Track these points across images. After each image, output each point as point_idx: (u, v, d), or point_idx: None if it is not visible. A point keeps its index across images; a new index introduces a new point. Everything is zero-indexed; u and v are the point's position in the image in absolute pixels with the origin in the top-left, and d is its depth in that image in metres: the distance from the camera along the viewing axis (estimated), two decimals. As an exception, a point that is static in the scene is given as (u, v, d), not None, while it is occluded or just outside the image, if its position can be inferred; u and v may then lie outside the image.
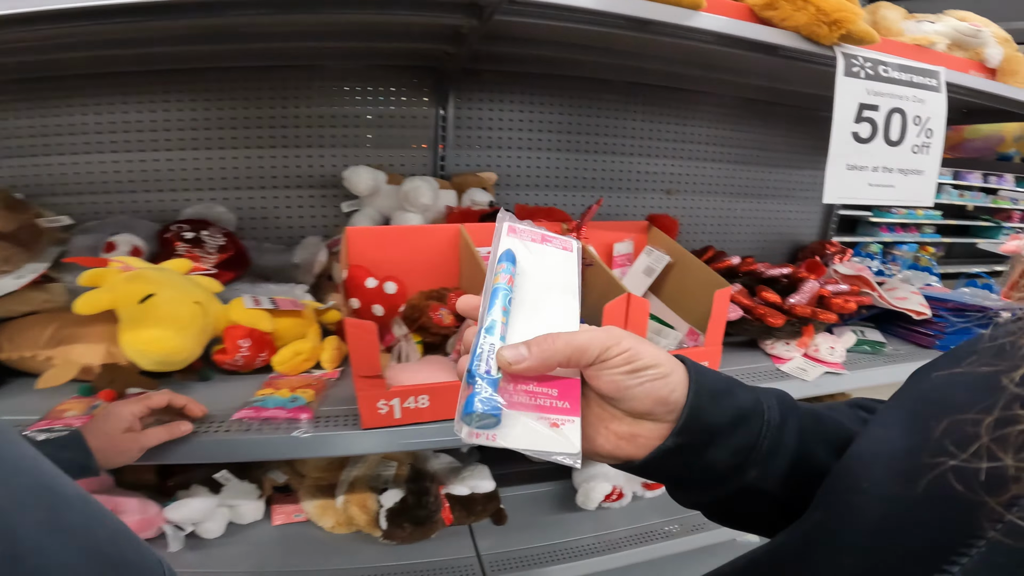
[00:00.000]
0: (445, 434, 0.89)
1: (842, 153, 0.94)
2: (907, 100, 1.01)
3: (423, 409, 0.88)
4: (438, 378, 0.90)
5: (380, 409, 0.85)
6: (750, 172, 1.75)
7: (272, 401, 0.90)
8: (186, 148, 1.33)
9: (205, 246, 1.19)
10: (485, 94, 1.43)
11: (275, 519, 1.19)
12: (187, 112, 1.31)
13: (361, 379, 0.81)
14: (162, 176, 1.33)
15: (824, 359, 1.22)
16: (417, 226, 1.05)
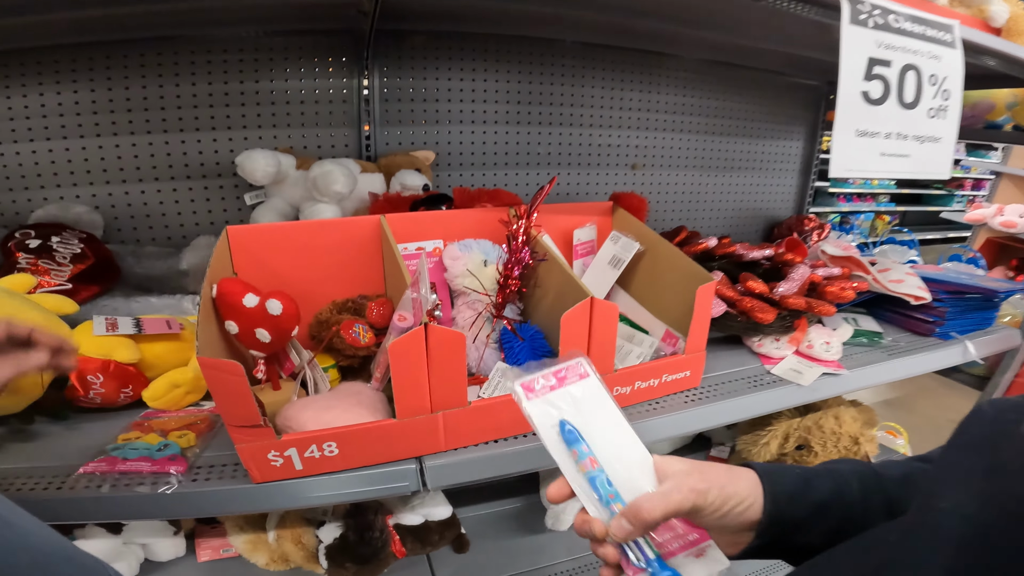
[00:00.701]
0: (363, 483, 0.70)
1: (851, 117, 0.76)
2: (921, 56, 0.83)
3: (332, 458, 0.68)
4: (355, 412, 0.70)
5: (273, 462, 0.65)
6: (720, 143, 1.57)
7: (134, 450, 0.69)
8: (38, 138, 1.05)
9: (55, 255, 0.94)
10: (416, 61, 1.19)
11: (200, 555, 1.03)
12: (40, 96, 1.04)
13: (237, 429, 0.60)
14: (12, 172, 1.06)
15: (820, 357, 1.05)
16: (325, 220, 0.84)
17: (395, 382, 0.67)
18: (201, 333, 0.58)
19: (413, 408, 0.69)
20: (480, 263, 0.87)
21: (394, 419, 0.69)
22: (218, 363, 0.55)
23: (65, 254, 0.97)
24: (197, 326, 0.59)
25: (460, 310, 0.87)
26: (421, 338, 0.65)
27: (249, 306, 0.66)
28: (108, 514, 0.66)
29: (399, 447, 0.72)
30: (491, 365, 0.83)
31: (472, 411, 0.74)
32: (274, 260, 0.82)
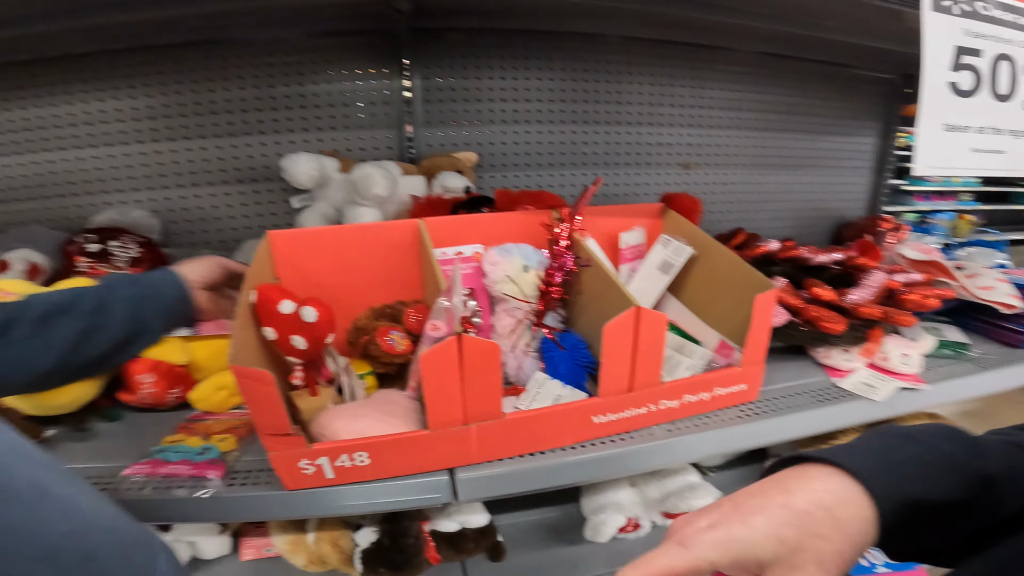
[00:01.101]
0: (394, 494, 0.69)
1: (937, 109, 0.68)
2: (1015, 45, 0.74)
3: (362, 467, 0.66)
4: (387, 422, 0.68)
5: (304, 470, 0.64)
6: (781, 140, 1.47)
7: (177, 453, 0.70)
8: (98, 144, 1.10)
9: (113, 259, 0.98)
10: (456, 60, 1.17)
11: (243, 554, 1.04)
12: (100, 103, 1.09)
13: (268, 438, 0.59)
14: (74, 177, 1.11)
15: (896, 370, 0.96)
16: (363, 224, 0.82)
17: (426, 393, 0.65)
18: (236, 339, 0.58)
19: (445, 420, 0.67)
20: (520, 268, 0.83)
21: (426, 431, 0.67)
22: (250, 371, 0.54)
23: (123, 258, 1.00)
24: (232, 332, 0.58)
25: (500, 317, 0.84)
26: (454, 348, 0.63)
27: (285, 313, 0.65)
28: (148, 516, 0.66)
29: (430, 459, 0.69)
30: (530, 375, 0.80)
31: (507, 423, 0.71)
32: (314, 265, 0.82)
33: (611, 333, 0.70)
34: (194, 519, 0.69)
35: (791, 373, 0.97)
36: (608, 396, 0.75)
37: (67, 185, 1.11)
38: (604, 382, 0.73)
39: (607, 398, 0.75)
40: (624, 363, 0.73)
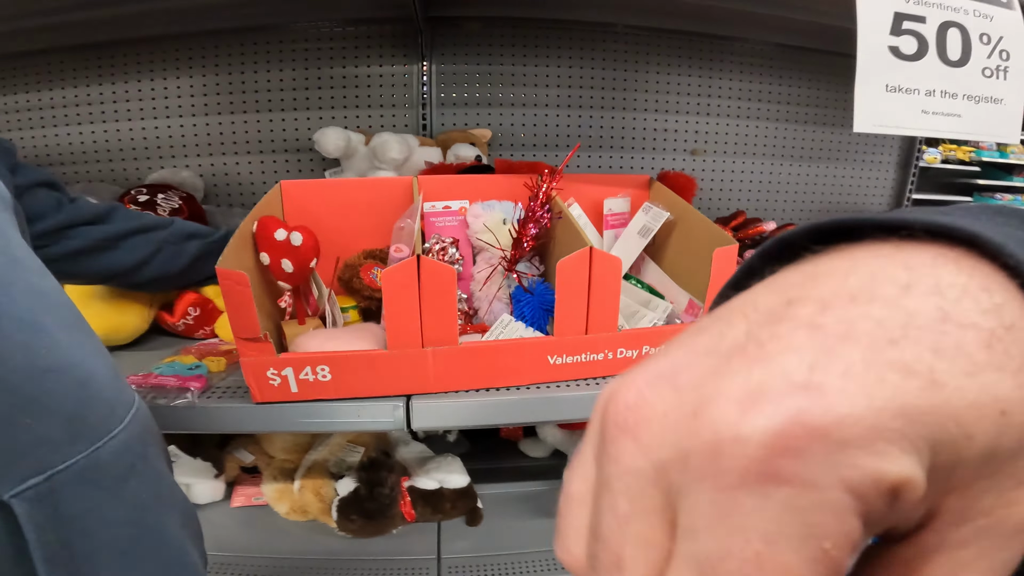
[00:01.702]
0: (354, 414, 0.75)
1: (874, 70, 0.71)
2: (964, 14, 0.76)
3: (324, 383, 0.73)
4: (356, 345, 0.75)
5: (271, 380, 0.72)
6: (797, 131, 1.48)
7: (170, 368, 0.80)
8: (160, 117, 1.28)
9: (158, 209, 1.12)
10: (471, 47, 1.28)
11: (234, 501, 1.12)
12: (162, 82, 1.26)
13: (243, 342, 0.68)
14: (136, 144, 1.29)
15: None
16: (364, 179, 0.92)
17: (386, 311, 0.71)
18: (228, 252, 0.67)
19: (403, 341, 0.73)
20: (500, 221, 0.91)
21: (384, 351, 0.73)
22: (230, 273, 0.63)
23: (166, 208, 1.14)
24: (226, 248, 0.68)
25: (479, 265, 0.92)
26: (413, 268, 0.69)
27: (279, 239, 0.75)
28: None
29: (389, 382, 0.75)
30: (499, 317, 0.87)
31: (462, 351, 0.76)
32: (319, 212, 0.91)
33: (564, 270, 0.74)
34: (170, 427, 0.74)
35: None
36: (563, 336, 0.79)
37: (129, 151, 1.29)
38: (559, 320, 0.77)
39: (562, 338, 0.79)
40: (578, 301, 0.77)
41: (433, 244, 0.88)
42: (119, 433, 0.43)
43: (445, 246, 0.88)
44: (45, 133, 1.28)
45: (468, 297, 0.91)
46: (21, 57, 1.24)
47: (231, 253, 0.69)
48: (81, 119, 1.27)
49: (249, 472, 1.17)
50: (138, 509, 0.44)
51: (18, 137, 1.28)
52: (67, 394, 0.41)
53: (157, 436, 0.50)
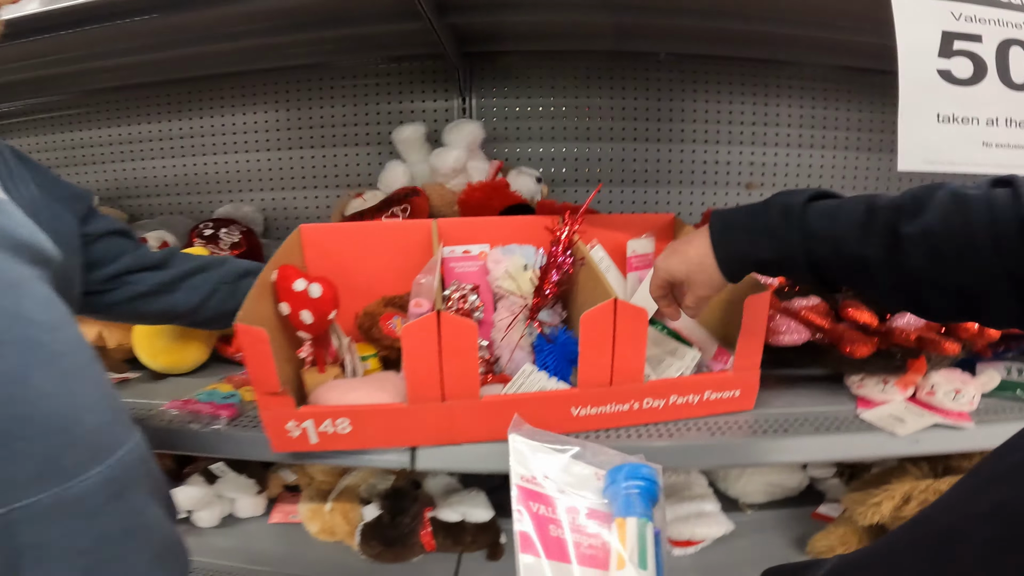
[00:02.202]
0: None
1: (922, 98, 0.64)
2: None
3: (343, 435, 0.75)
4: (376, 396, 0.77)
5: (290, 432, 0.74)
6: (866, 160, 1.37)
7: (208, 396, 0.86)
8: (228, 152, 1.40)
9: (220, 242, 1.21)
10: (510, 81, 1.29)
11: (272, 517, 1.17)
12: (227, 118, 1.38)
13: (262, 396, 0.71)
14: (208, 179, 1.40)
15: (940, 406, 0.87)
16: (386, 222, 0.94)
17: (406, 366, 0.71)
18: (247, 305, 0.70)
19: (423, 395, 0.73)
20: (520, 267, 0.90)
21: (404, 404, 0.74)
22: (249, 328, 0.66)
23: (227, 242, 1.23)
24: (247, 298, 0.72)
25: (499, 312, 0.92)
26: (433, 324, 0.69)
27: (298, 290, 0.77)
28: (165, 443, 0.83)
29: (410, 433, 0.76)
30: (520, 367, 0.86)
31: (484, 404, 0.76)
32: (340, 256, 0.94)
33: (589, 323, 0.73)
34: (197, 451, 0.82)
35: (811, 398, 0.92)
36: (587, 388, 0.77)
37: (203, 184, 1.41)
38: (583, 372, 0.76)
39: (586, 389, 0.77)
40: (603, 354, 0.76)
41: (453, 291, 0.89)
42: (95, 475, 0.46)
43: (465, 293, 0.89)
44: (125, 167, 1.42)
45: (489, 344, 0.91)
46: (103, 93, 1.39)
47: (251, 303, 0.72)
48: (155, 154, 1.41)
49: (292, 490, 1.23)
50: (101, 541, 0.46)
51: (101, 171, 1.43)
52: (41, 439, 0.44)
53: (148, 475, 0.53)
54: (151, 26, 0.98)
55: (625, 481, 0.44)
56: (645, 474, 0.45)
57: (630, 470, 0.45)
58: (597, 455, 0.50)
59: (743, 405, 0.85)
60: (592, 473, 0.48)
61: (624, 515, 0.43)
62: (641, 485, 0.44)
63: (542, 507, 0.45)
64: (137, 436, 0.53)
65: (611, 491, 0.45)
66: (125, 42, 1.10)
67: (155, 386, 0.99)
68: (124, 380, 1.01)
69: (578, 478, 0.47)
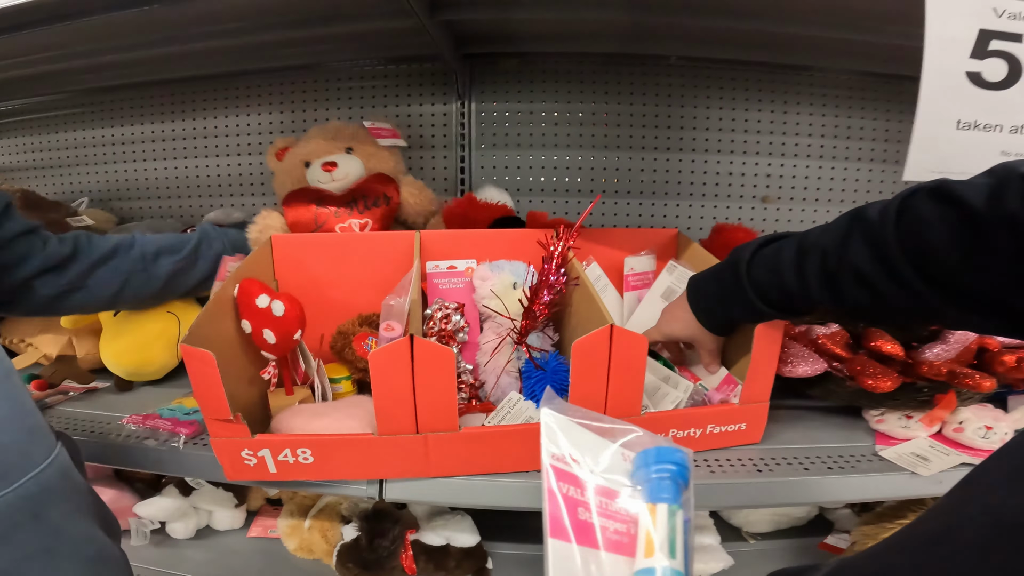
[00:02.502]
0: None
1: (945, 101, 0.56)
2: None
3: (305, 465, 0.69)
4: (344, 426, 0.71)
5: (246, 460, 0.68)
6: (892, 172, 1.28)
7: (170, 412, 0.81)
8: (220, 155, 1.35)
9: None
10: (511, 84, 1.21)
11: (251, 531, 1.13)
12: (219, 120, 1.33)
13: (212, 422, 0.65)
14: (201, 182, 1.37)
15: (969, 444, 0.78)
16: (364, 234, 0.87)
17: (375, 394, 0.65)
18: (198, 323, 0.64)
19: (395, 426, 0.67)
20: (509, 285, 0.83)
21: (373, 435, 0.68)
22: (193, 351, 0.60)
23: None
24: (201, 314, 0.66)
25: (486, 334, 0.85)
26: (405, 350, 0.63)
27: (260, 306, 0.72)
28: (119, 459, 0.79)
29: (379, 465, 0.70)
30: (507, 394, 0.79)
31: (463, 437, 0.70)
32: (314, 270, 0.89)
33: (581, 351, 0.67)
34: (152, 468, 0.78)
35: (826, 434, 0.84)
36: None
37: (195, 188, 1.36)
38: (573, 403, 0.70)
39: None
40: (597, 385, 0.69)
41: (435, 311, 0.82)
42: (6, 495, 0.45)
43: (448, 313, 0.82)
44: (116, 169, 1.38)
45: (474, 368, 0.84)
46: (95, 93, 1.36)
47: (206, 320, 0.67)
48: (146, 156, 1.37)
49: (274, 504, 1.18)
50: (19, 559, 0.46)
51: (92, 172, 1.40)
52: None
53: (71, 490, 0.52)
54: (144, 20, 0.94)
55: (655, 464, 0.42)
56: (676, 459, 0.42)
57: (660, 453, 0.43)
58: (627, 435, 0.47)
59: (750, 438, 0.79)
60: (620, 455, 0.46)
61: (654, 501, 0.41)
62: (672, 470, 0.42)
63: (571, 488, 0.42)
64: (56, 451, 0.50)
65: (640, 474, 0.43)
66: (116, 39, 1.06)
67: (121, 398, 0.95)
68: (91, 390, 0.96)
69: (607, 459, 0.45)
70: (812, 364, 0.83)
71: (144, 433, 0.78)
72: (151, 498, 1.05)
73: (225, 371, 0.61)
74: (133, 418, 0.79)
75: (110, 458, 0.79)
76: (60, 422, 0.84)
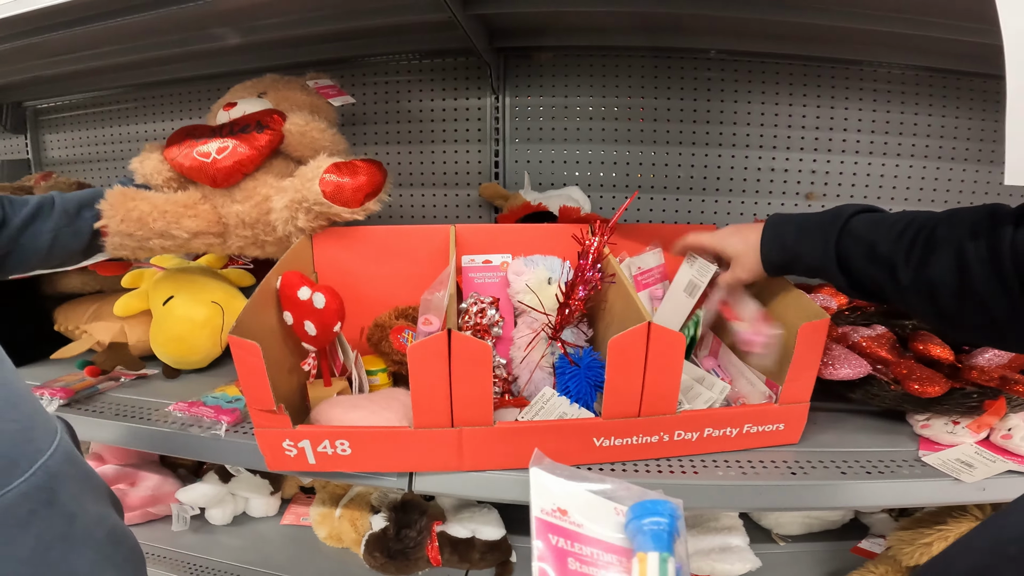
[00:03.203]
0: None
1: None
2: None
3: (343, 457, 0.70)
4: (380, 418, 0.72)
5: (287, 451, 0.69)
6: (945, 169, 1.21)
7: (214, 399, 0.83)
8: None
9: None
10: (546, 79, 1.21)
11: (284, 518, 1.17)
12: None
13: (257, 412, 0.67)
14: None
15: (1017, 451, 0.75)
16: (398, 227, 0.88)
17: (413, 389, 0.66)
18: (244, 314, 0.66)
19: (431, 420, 0.68)
20: (544, 280, 0.83)
21: (409, 428, 0.69)
22: (241, 342, 0.61)
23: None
24: (246, 306, 0.68)
25: (520, 329, 0.85)
26: (443, 344, 0.63)
27: (302, 299, 0.73)
28: (164, 445, 0.82)
29: (415, 458, 0.71)
30: (540, 389, 0.79)
31: (498, 432, 0.70)
32: (352, 263, 0.89)
33: (618, 349, 0.66)
34: (195, 455, 0.80)
35: (863, 435, 0.81)
36: (613, 418, 0.71)
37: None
38: (608, 402, 0.70)
39: (611, 420, 0.71)
40: (632, 383, 0.69)
41: (471, 305, 0.82)
42: (20, 484, 0.44)
43: (484, 307, 0.82)
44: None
45: (508, 362, 0.84)
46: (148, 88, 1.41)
47: (251, 311, 0.68)
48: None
49: (307, 492, 1.22)
50: (40, 549, 0.46)
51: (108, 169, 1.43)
52: None
53: (78, 476, 0.52)
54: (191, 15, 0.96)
55: (648, 516, 0.45)
56: (667, 510, 0.45)
57: (651, 506, 0.46)
58: (618, 491, 0.50)
59: (788, 439, 0.78)
60: (612, 508, 0.49)
61: (645, 550, 0.43)
62: (663, 522, 0.45)
63: (561, 540, 0.45)
64: (59, 438, 0.51)
65: (632, 526, 0.46)
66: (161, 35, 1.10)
67: (168, 385, 0.98)
68: (141, 376, 1.00)
69: (599, 513, 0.48)
70: (855, 367, 0.81)
71: (189, 420, 0.81)
72: (192, 484, 1.10)
73: (268, 361, 0.63)
74: (179, 405, 0.82)
75: (158, 444, 0.82)
76: (112, 408, 0.87)
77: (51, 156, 1.56)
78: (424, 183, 1.29)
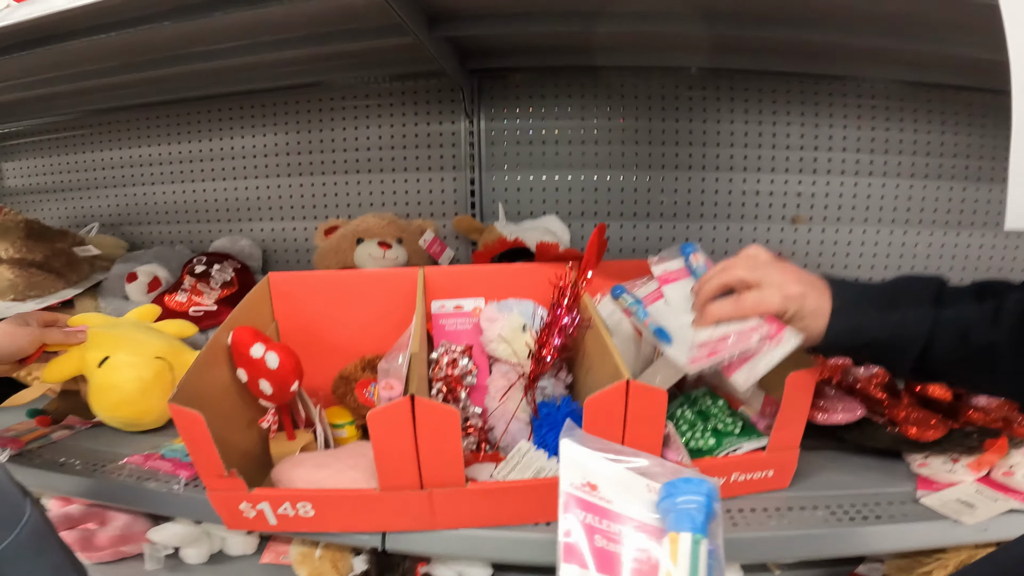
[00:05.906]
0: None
1: None
2: None
3: (306, 519, 0.66)
4: (347, 478, 0.68)
5: (245, 513, 0.66)
6: (935, 189, 1.17)
7: (172, 451, 0.80)
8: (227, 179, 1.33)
9: (210, 281, 1.14)
10: (521, 101, 1.16)
11: (264, 556, 1.08)
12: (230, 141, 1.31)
13: (209, 477, 0.62)
14: (209, 207, 1.35)
15: (1019, 488, 0.72)
16: (363, 271, 0.83)
17: (376, 454, 0.62)
18: (188, 377, 0.62)
19: (398, 482, 0.64)
20: (518, 328, 0.78)
21: (375, 489, 0.65)
22: (183, 411, 0.57)
23: (218, 280, 1.15)
24: (194, 363, 0.63)
25: (494, 378, 0.80)
26: (406, 410, 0.60)
27: (255, 357, 0.68)
28: (118, 497, 0.78)
29: (382, 519, 0.67)
30: (517, 442, 0.74)
31: (471, 493, 0.66)
32: (314, 309, 0.85)
33: (593, 408, 0.62)
34: (151, 510, 0.78)
35: (857, 476, 0.77)
36: None
37: (203, 212, 1.34)
38: None
39: None
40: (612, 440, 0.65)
41: (441, 355, 0.77)
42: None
43: (455, 357, 0.77)
44: (126, 192, 1.38)
45: (483, 412, 0.79)
46: (103, 114, 1.35)
47: (197, 371, 0.64)
48: (155, 179, 1.36)
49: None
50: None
51: (103, 195, 1.39)
52: None
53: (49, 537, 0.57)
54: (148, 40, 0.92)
55: (681, 495, 0.43)
56: (704, 490, 0.43)
57: (687, 484, 0.43)
58: (652, 467, 0.48)
59: (777, 484, 0.74)
60: (645, 486, 0.46)
61: (677, 529, 0.41)
62: (698, 500, 0.42)
63: (589, 515, 0.43)
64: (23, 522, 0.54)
65: (665, 504, 0.43)
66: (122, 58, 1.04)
67: (124, 434, 0.91)
68: (97, 425, 0.94)
69: (631, 489, 0.46)
70: (849, 411, 0.77)
71: (145, 474, 0.76)
72: (164, 523, 1.04)
73: (222, 418, 0.61)
74: (134, 459, 0.78)
75: (112, 496, 0.78)
76: (65, 458, 0.82)
77: (8, 185, 1.49)
78: (396, 214, 1.24)
